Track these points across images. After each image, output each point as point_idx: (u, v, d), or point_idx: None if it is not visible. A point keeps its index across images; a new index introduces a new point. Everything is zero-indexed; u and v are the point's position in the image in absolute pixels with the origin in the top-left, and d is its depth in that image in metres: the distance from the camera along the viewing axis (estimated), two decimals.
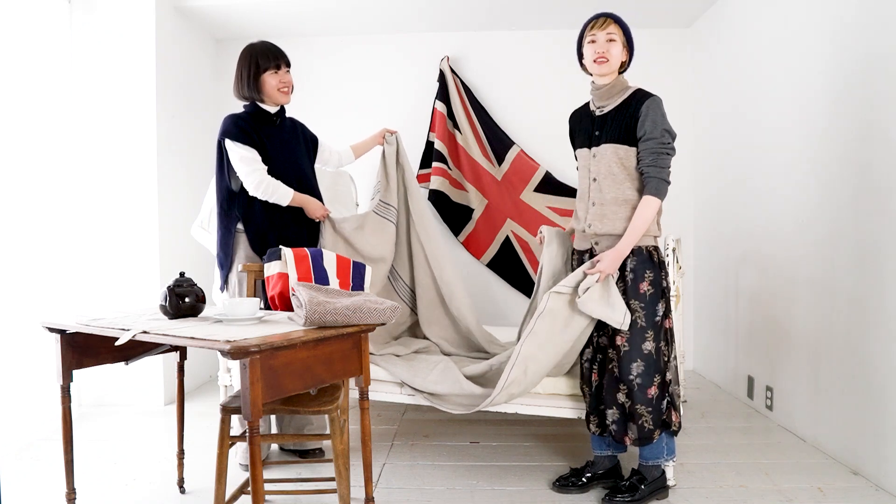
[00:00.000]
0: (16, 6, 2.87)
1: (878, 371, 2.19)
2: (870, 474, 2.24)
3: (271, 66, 2.33)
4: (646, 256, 2.00)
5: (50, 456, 2.52)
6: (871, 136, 2.23)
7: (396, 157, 2.69)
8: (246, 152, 2.26)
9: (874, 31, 2.22)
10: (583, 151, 2.11)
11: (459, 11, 3.70)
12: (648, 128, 1.95)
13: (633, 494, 2.04)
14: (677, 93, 3.96)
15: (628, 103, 2.01)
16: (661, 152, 1.95)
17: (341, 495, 1.77)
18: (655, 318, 1.98)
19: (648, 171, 1.96)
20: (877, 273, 2.20)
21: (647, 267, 1.99)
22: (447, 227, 3.97)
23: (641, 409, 1.97)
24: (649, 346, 1.97)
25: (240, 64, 2.36)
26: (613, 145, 2.00)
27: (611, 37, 1.99)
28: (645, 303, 1.98)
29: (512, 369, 2.04)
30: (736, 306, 3.35)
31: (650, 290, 1.99)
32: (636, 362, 1.97)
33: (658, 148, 1.95)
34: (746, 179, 3.20)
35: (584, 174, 2.12)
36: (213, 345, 1.39)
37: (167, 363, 3.31)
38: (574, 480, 2.17)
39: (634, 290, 1.98)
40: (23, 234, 2.90)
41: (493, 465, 2.42)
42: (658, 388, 1.98)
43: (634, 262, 1.99)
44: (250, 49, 2.36)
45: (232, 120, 2.31)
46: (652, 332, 1.98)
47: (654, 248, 2.03)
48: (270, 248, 2.22)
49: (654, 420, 1.98)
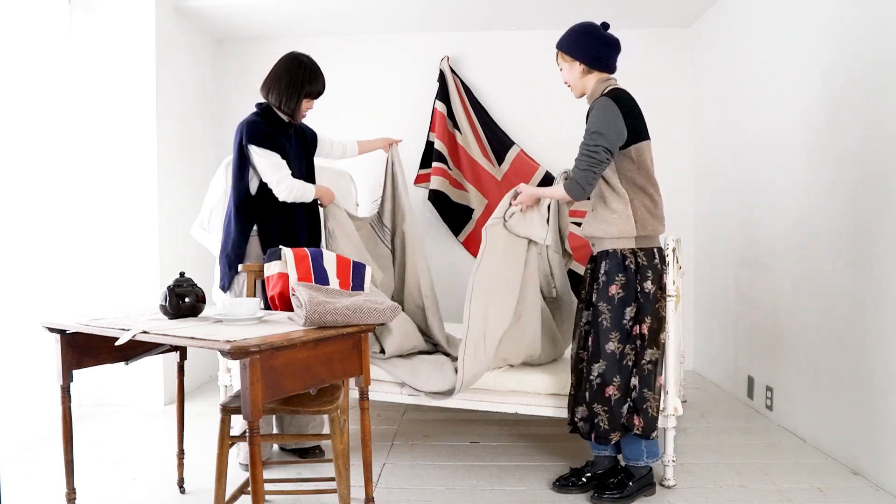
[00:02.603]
0: (16, 6, 2.87)
1: (878, 371, 2.19)
2: (870, 474, 2.24)
3: (314, 92, 2.38)
4: (619, 260, 2.02)
5: (50, 456, 2.52)
6: (871, 136, 2.23)
7: (394, 170, 2.71)
8: (276, 159, 2.29)
9: (874, 30, 2.22)
10: None
11: (459, 11, 3.70)
12: (588, 126, 2.01)
13: (620, 491, 2.07)
14: (677, 93, 3.96)
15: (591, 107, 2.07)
16: (583, 153, 1.99)
17: (341, 495, 1.77)
18: (623, 320, 2.00)
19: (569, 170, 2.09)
20: (877, 273, 2.20)
21: (619, 271, 2.01)
22: (447, 227, 3.97)
23: (598, 408, 2.02)
24: (612, 346, 2.00)
25: (285, 71, 2.33)
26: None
27: (559, 67, 2.15)
28: (612, 305, 2.01)
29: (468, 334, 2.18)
30: (736, 306, 3.35)
31: (620, 293, 2.01)
32: (598, 362, 2.02)
33: (581, 149, 2.00)
34: (746, 179, 3.20)
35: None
36: (213, 345, 1.39)
37: (167, 363, 3.31)
38: (574, 480, 2.17)
39: (604, 291, 2.02)
40: (23, 235, 2.90)
41: (493, 465, 2.42)
42: (619, 391, 2.00)
43: (608, 264, 2.03)
44: (301, 65, 2.35)
45: (257, 126, 2.29)
46: (617, 333, 2.00)
47: (630, 251, 2.02)
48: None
49: (610, 421, 2.01)
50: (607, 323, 2.01)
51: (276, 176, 2.28)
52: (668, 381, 2.16)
